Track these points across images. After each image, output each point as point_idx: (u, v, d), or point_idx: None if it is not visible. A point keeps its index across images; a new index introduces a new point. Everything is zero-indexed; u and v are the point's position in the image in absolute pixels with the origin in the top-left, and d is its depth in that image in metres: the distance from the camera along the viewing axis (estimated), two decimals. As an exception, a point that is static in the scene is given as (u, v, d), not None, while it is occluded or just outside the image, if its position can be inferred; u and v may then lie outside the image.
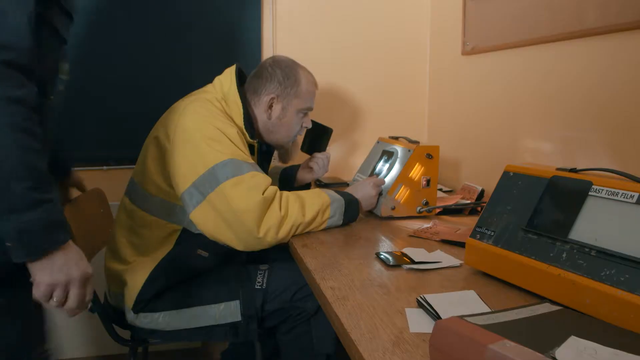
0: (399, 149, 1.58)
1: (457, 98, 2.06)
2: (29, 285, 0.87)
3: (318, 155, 1.74)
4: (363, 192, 1.47)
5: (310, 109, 1.56)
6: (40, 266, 0.85)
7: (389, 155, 1.61)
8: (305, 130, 1.59)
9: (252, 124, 1.48)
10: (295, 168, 1.77)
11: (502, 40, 1.70)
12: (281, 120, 1.51)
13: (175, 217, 1.31)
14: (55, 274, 0.86)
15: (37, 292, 0.87)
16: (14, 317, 0.93)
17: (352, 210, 1.42)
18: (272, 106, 1.50)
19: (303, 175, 1.75)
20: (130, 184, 1.42)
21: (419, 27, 2.24)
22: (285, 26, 2.08)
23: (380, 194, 1.50)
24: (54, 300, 0.87)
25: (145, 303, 1.31)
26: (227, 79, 1.46)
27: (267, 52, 2.07)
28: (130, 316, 1.32)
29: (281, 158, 1.69)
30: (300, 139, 1.69)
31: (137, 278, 1.31)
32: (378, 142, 1.76)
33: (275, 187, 1.29)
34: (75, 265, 0.88)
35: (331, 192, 1.41)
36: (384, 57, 2.21)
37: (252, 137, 1.44)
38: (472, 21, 1.89)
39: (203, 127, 1.27)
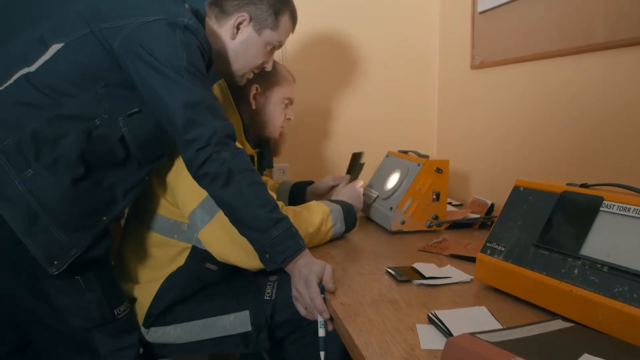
0: (408, 163, 1.58)
1: (466, 112, 2.06)
2: (99, 266, 1.17)
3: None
4: (349, 194, 1.52)
5: (292, 100, 1.60)
6: (292, 268, 1.11)
7: (398, 169, 1.61)
8: (288, 121, 1.61)
9: (249, 133, 1.51)
10: (306, 184, 1.77)
11: (511, 55, 1.71)
12: (265, 109, 1.54)
13: (184, 235, 1.31)
14: (303, 271, 1.07)
15: (294, 291, 1.09)
16: (94, 287, 1.16)
17: (351, 216, 1.45)
18: (255, 97, 1.53)
19: (316, 199, 1.75)
20: (135, 204, 1.42)
21: (428, 40, 2.25)
22: (294, 39, 2.09)
23: (391, 206, 1.51)
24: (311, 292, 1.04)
25: (155, 317, 1.31)
26: (219, 92, 1.49)
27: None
28: (141, 331, 1.33)
29: (272, 152, 1.68)
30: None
31: (146, 294, 1.31)
32: (387, 156, 1.76)
33: (281, 203, 1.29)
34: (316, 263, 1.08)
35: (327, 201, 1.44)
36: (393, 71, 2.22)
37: (252, 146, 1.45)
38: (481, 35, 1.90)
39: None
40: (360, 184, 1.61)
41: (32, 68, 1.09)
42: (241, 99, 1.52)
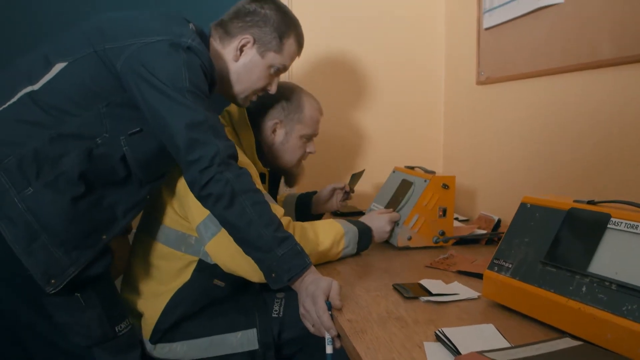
0: (415, 179, 1.58)
1: (472, 127, 2.06)
2: (100, 283, 1.17)
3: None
4: (378, 224, 1.47)
5: (314, 135, 1.59)
6: (298, 286, 1.10)
7: (405, 185, 1.61)
8: (309, 155, 1.61)
9: (262, 151, 1.51)
10: (311, 194, 1.78)
11: (517, 71, 1.72)
12: (284, 145, 1.54)
13: (191, 248, 1.32)
14: (310, 288, 1.06)
15: (301, 308, 1.08)
16: (94, 304, 1.17)
17: (366, 240, 1.43)
18: (275, 131, 1.53)
19: (321, 207, 1.76)
20: (145, 215, 1.44)
21: (434, 57, 2.26)
22: (301, 56, 2.11)
23: (396, 224, 1.51)
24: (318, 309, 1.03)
25: (162, 333, 1.31)
26: (235, 109, 1.49)
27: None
28: (147, 347, 1.33)
29: (287, 182, 1.69)
30: (306, 163, 1.70)
31: (153, 308, 1.31)
32: (394, 172, 1.76)
33: (289, 218, 1.30)
34: (323, 280, 1.07)
35: (344, 221, 1.42)
36: (399, 87, 2.23)
37: (264, 165, 1.46)
38: (487, 51, 1.91)
39: None
40: (393, 218, 1.51)
41: (36, 86, 1.10)
42: (257, 120, 1.53)
